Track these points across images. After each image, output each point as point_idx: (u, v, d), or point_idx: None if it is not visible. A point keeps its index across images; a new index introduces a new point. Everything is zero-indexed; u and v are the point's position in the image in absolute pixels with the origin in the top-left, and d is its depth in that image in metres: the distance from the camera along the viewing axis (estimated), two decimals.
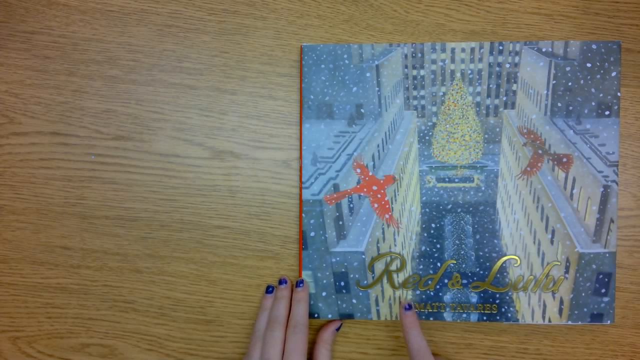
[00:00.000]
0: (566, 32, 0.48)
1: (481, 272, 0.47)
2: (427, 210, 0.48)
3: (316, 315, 0.47)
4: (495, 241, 0.47)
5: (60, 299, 0.50)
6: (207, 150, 0.49)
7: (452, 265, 0.47)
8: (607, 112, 0.46)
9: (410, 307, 0.46)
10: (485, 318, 0.47)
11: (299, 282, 0.47)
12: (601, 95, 0.46)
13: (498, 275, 0.47)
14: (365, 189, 0.48)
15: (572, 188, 0.46)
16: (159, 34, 0.50)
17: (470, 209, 0.47)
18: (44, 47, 0.50)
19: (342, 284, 0.47)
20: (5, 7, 0.50)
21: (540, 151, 0.47)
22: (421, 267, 0.47)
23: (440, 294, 0.47)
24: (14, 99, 0.50)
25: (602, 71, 0.46)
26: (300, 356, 0.43)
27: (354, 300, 0.47)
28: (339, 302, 0.47)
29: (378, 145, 0.48)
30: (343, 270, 0.47)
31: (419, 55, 0.47)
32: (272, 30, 0.49)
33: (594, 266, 0.46)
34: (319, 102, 0.48)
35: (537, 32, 0.48)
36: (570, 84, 0.46)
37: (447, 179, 0.48)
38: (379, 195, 0.48)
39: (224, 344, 0.49)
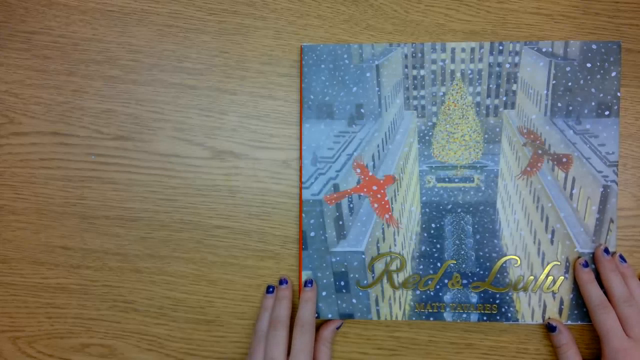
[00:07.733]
0: (566, 32, 0.48)
1: (481, 272, 0.47)
2: (427, 210, 0.48)
3: (316, 315, 0.47)
4: (495, 241, 0.47)
5: (60, 299, 0.50)
6: (207, 150, 0.49)
7: (452, 265, 0.47)
8: (607, 112, 0.46)
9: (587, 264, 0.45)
10: (485, 318, 0.47)
11: (308, 282, 0.47)
12: (601, 95, 0.46)
13: (498, 276, 0.47)
14: (365, 189, 0.48)
15: (572, 188, 0.46)
16: (159, 34, 0.50)
17: (470, 209, 0.47)
18: (44, 47, 0.50)
19: (342, 283, 0.47)
20: (5, 7, 0.50)
21: (540, 151, 0.47)
22: (421, 267, 0.47)
23: (440, 294, 0.47)
24: (14, 99, 0.50)
25: (602, 71, 0.46)
26: (307, 356, 0.43)
27: (354, 300, 0.47)
28: (338, 302, 0.47)
29: (378, 145, 0.48)
30: (343, 270, 0.47)
31: (419, 55, 0.47)
32: (272, 30, 0.49)
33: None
34: (319, 102, 0.48)
35: (537, 32, 0.48)
36: (570, 84, 0.46)
37: (447, 179, 0.48)
38: (379, 195, 0.48)
39: (224, 344, 0.49)
